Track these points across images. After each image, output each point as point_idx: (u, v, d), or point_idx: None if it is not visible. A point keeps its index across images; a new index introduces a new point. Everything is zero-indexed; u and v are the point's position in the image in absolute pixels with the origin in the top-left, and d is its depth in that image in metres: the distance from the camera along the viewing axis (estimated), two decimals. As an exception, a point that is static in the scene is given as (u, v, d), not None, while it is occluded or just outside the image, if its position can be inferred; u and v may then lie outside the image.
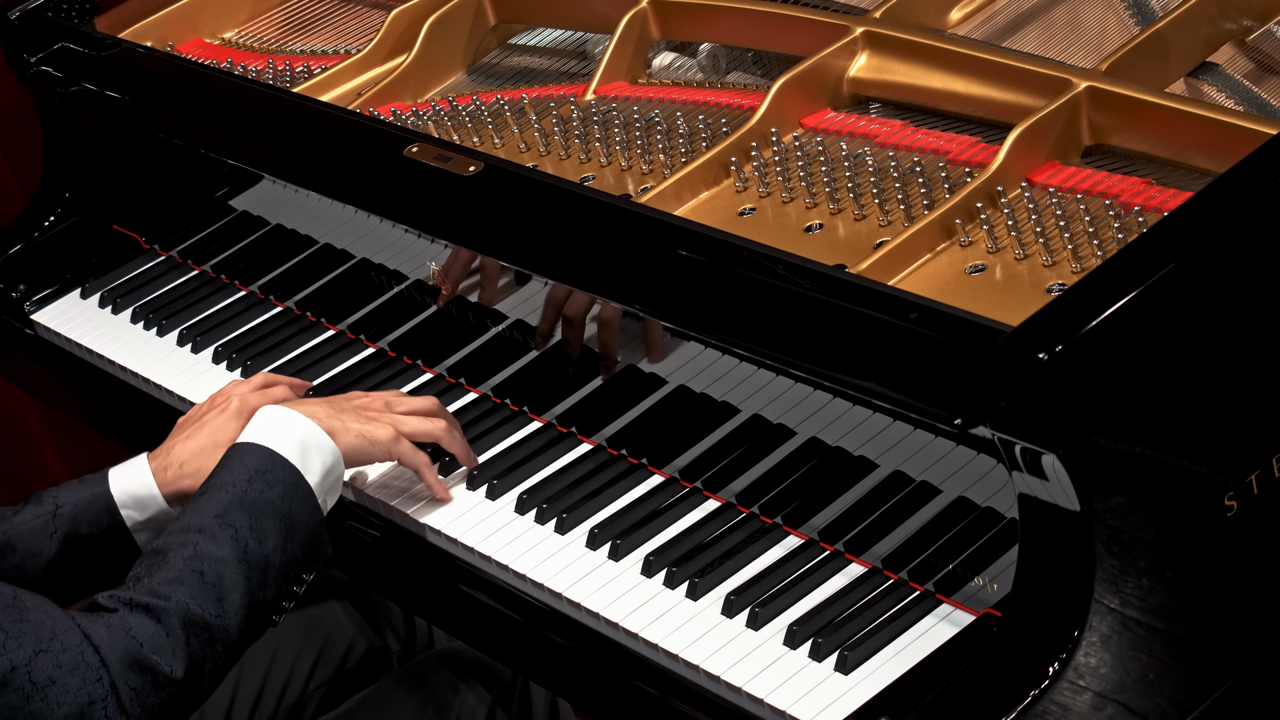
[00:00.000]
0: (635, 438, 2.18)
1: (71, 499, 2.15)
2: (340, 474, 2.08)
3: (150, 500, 2.16)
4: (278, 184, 2.56)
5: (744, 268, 1.96)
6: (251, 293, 2.66)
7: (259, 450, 2.02)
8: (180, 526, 1.96)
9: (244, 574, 1.93)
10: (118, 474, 2.17)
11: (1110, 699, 1.71)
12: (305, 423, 2.06)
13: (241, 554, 1.94)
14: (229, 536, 1.94)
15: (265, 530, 1.96)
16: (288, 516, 1.99)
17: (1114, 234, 1.96)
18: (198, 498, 1.99)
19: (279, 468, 2.01)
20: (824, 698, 1.82)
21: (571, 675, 2.05)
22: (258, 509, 1.97)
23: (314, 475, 2.03)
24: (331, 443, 2.06)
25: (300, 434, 2.05)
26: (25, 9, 2.82)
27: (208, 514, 1.96)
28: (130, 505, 2.16)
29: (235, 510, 1.96)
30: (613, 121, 2.38)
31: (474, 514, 2.16)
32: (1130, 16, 2.25)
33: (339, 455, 2.07)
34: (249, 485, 1.99)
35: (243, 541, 1.94)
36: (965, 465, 1.85)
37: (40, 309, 2.78)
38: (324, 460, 2.05)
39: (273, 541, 1.96)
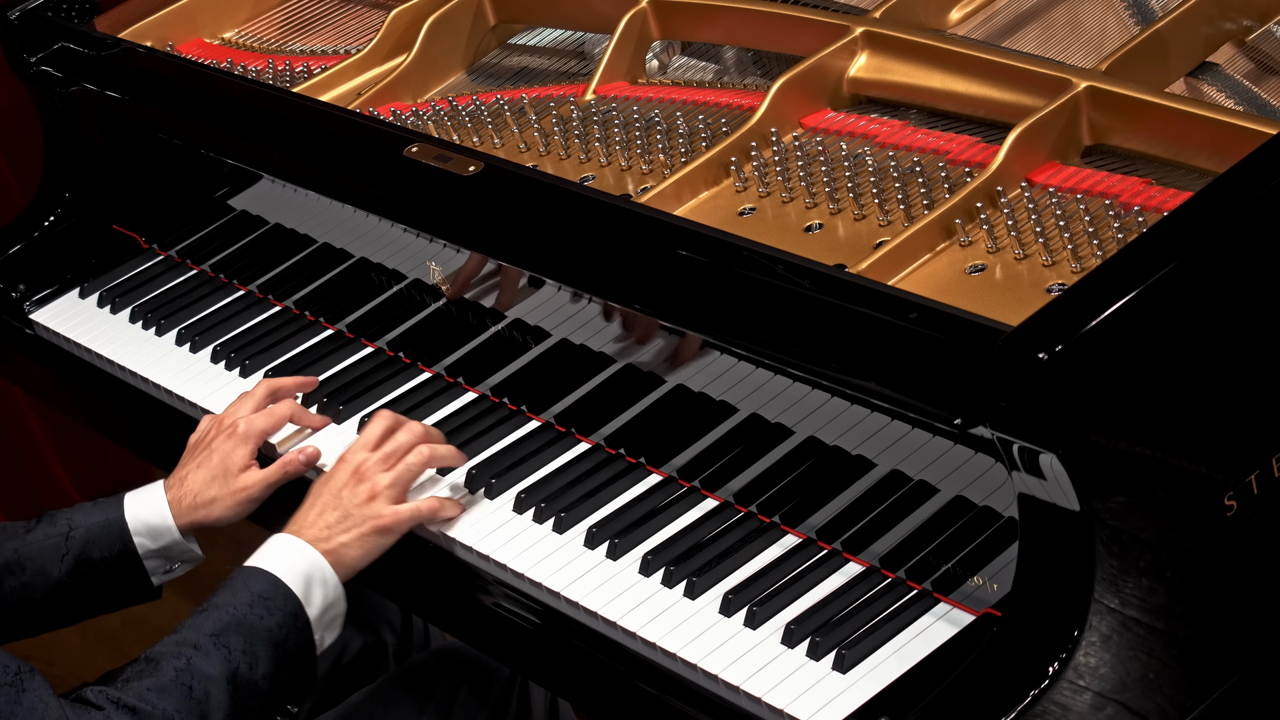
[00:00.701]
0: (633, 437, 2.18)
1: (85, 522, 2.18)
2: (341, 610, 2.07)
3: (164, 530, 2.19)
4: (277, 183, 2.55)
5: (744, 268, 1.96)
6: (250, 292, 2.66)
7: (264, 576, 2.02)
8: (176, 640, 1.97)
9: (230, 695, 1.94)
10: (133, 501, 2.19)
11: (1110, 699, 1.71)
12: (312, 554, 2.05)
13: (231, 675, 1.94)
14: (222, 657, 1.95)
15: (258, 656, 1.97)
16: (282, 646, 1.99)
17: (1114, 234, 1.96)
18: (198, 614, 2.00)
19: (281, 596, 2.01)
20: (822, 696, 1.82)
21: (570, 674, 2.05)
22: (254, 634, 1.98)
23: (314, 609, 2.03)
24: (335, 578, 2.05)
25: (306, 565, 2.04)
26: (25, 9, 2.82)
27: (204, 631, 1.97)
28: (144, 533, 2.19)
29: (232, 632, 1.97)
30: (613, 121, 2.38)
31: (472, 513, 2.16)
32: (1130, 16, 2.25)
33: (341, 591, 2.06)
34: (249, 609, 1.99)
35: (235, 664, 1.95)
36: (963, 464, 1.85)
37: (40, 309, 2.78)
38: (326, 595, 2.04)
39: (263, 668, 1.97)
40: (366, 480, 2.11)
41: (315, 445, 2.28)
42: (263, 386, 2.31)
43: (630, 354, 2.15)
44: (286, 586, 2.02)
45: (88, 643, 3.70)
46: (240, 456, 2.21)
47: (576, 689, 2.08)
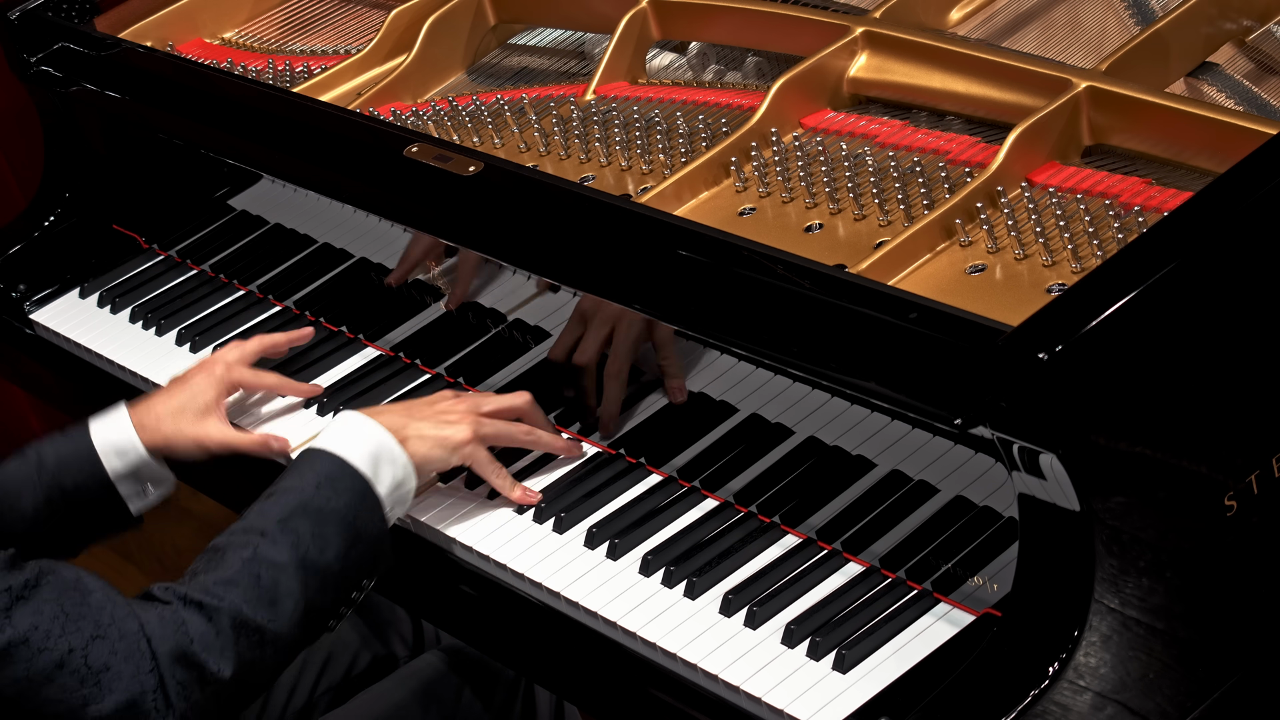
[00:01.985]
0: (633, 437, 2.18)
1: (54, 451, 2.19)
2: (411, 487, 2.06)
3: (130, 448, 2.21)
4: (277, 183, 2.56)
5: (744, 268, 1.96)
6: (250, 292, 2.66)
7: (330, 458, 2.01)
8: (242, 527, 1.95)
9: (301, 580, 1.92)
10: (98, 425, 2.22)
11: (1110, 699, 1.71)
12: (380, 432, 2.04)
13: (300, 560, 1.92)
14: (289, 542, 1.92)
15: (327, 538, 1.95)
16: (353, 525, 1.97)
17: (1114, 234, 1.96)
18: (264, 499, 1.98)
19: (348, 476, 1.99)
20: (822, 696, 1.82)
21: (570, 674, 2.05)
22: (323, 516, 1.96)
23: (384, 486, 2.01)
24: (404, 455, 2.04)
25: (374, 443, 2.03)
26: (25, 9, 2.82)
27: (271, 517, 1.95)
28: (110, 453, 2.20)
29: (299, 516, 1.95)
30: (613, 121, 2.38)
31: (472, 513, 2.16)
32: (1130, 16, 2.25)
33: (410, 468, 2.05)
34: (316, 492, 1.97)
35: (303, 548, 1.93)
36: (963, 464, 1.85)
37: (40, 309, 2.78)
38: (394, 473, 2.03)
39: (334, 550, 1.95)
40: (464, 404, 2.12)
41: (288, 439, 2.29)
42: (255, 342, 2.35)
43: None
44: (353, 467, 1.99)
45: (88, 643, 3.69)
46: (209, 395, 2.25)
47: (577, 689, 2.08)
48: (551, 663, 2.07)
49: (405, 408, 2.11)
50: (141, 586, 3.43)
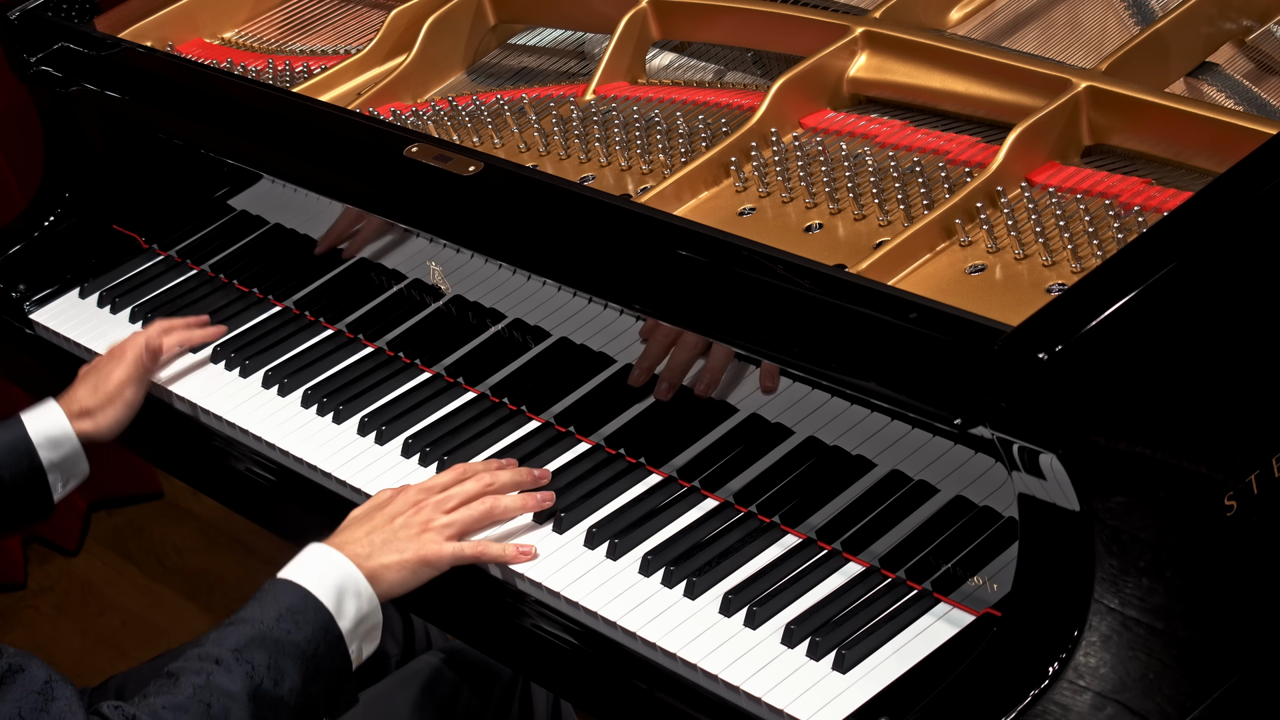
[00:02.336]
0: (633, 437, 2.18)
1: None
2: (377, 621, 2.02)
3: (64, 439, 2.34)
4: (277, 183, 2.56)
5: (744, 268, 1.96)
6: (250, 292, 2.66)
7: (293, 589, 1.97)
8: (198, 654, 1.92)
9: (251, 712, 1.88)
10: (31, 417, 2.33)
11: (1110, 699, 1.71)
12: (346, 565, 2.00)
13: (253, 691, 1.89)
14: (244, 673, 1.89)
15: (284, 670, 1.91)
16: (312, 660, 1.94)
17: (1114, 234, 1.96)
18: (224, 627, 1.95)
19: (311, 609, 1.96)
20: (822, 696, 1.82)
21: (569, 674, 2.05)
22: (281, 648, 1.92)
23: (347, 621, 1.98)
24: (370, 590, 2.00)
25: (339, 576, 1.99)
26: (25, 9, 2.82)
27: (227, 646, 1.92)
28: (45, 445, 2.31)
29: (256, 646, 1.92)
30: (613, 121, 2.38)
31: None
32: (1130, 16, 2.25)
33: (375, 604, 2.01)
34: (277, 623, 1.94)
35: (257, 680, 1.90)
36: (963, 464, 1.85)
37: (40, 308, 2.78)
38: (359, 607, 1.99)
39: (290, 683, 1.91)
40: (422, 513, 2.07)
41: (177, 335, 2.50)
42: (157, 326, 2.50)
43: (630, 354, 2.15)
44: (316, 599, 1.97)
45: (88, 643, 3.70)
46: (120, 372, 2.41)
47: (576, 689, 2.08)
48: (549, 662, 2.06)
49: (366, 530, 2.06)
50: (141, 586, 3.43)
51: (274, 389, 2.46)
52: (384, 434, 2.31)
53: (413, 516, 2.08)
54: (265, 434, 2.38)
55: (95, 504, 4.00)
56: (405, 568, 2.04)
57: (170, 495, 4.00)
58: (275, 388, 2.46)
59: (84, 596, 3.84)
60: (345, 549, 2.03)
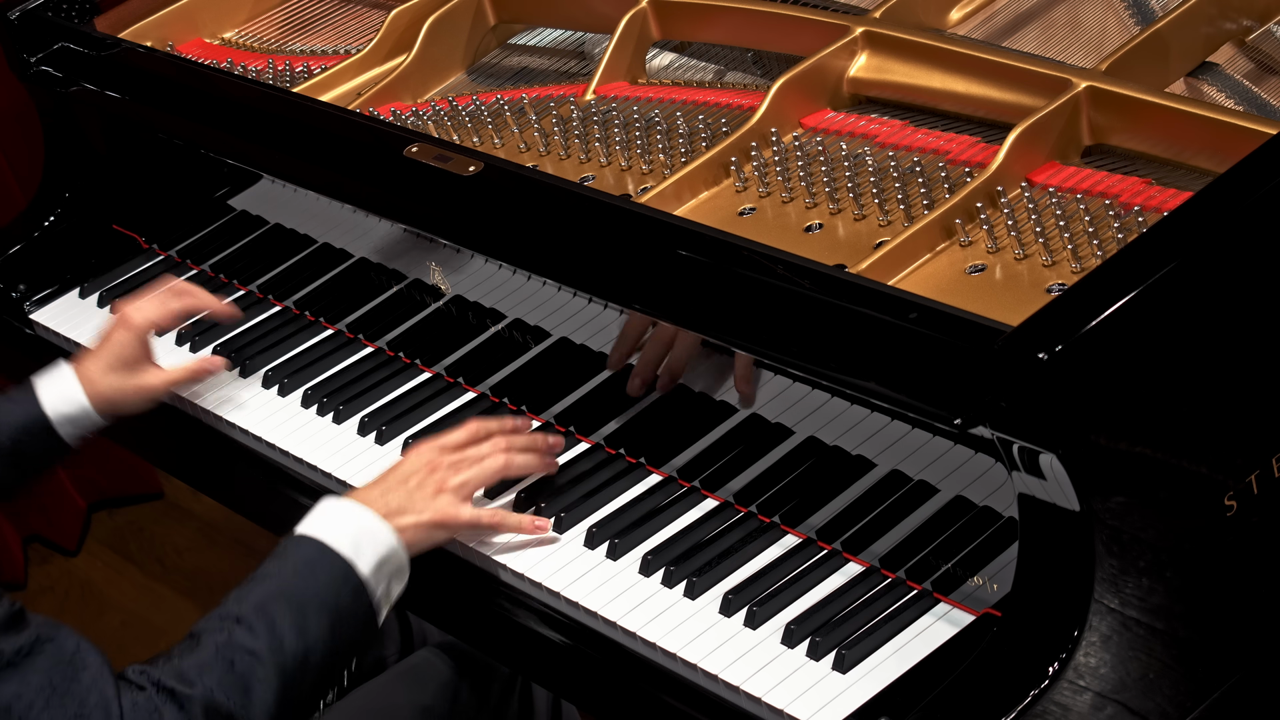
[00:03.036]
0: (633, 437, 2.18)
1: (8, 423, 2.29)
2: (401, 561, 2.01)
3: (82, 415, 2.32)
4: (277, 183, 2.56)
5: (744, 268, 1.96)
6: (250, 292, 2.66)
7: (309, 542, 1.98)
8: (219, 613, 1.92)
9: (276, 666, 1.89)
10: (47, 392, 2.32)
11: (1110, 699, 1.71)
12: (363, 513, 2.01)
13: (276, 645, 1.89)
14: (265, 627, 1.90)
15: (308, 623, 1.92)
16: (335, 609, 1.95)
17: (1114, 234, 1.96)
18: (244, 584, 1.96)
19: (328, 560, 1.96)
20: (822, 696, 1.82)
21: (569, 674, 2.05)
22: (302, 601, 1.93)
23: (366, 565, 1.97)
24: (388, 531, 2.00)
25: (355, 525, 2.00)
26: (25, 9, 2.82)
27: (248, 603, 1.92)
28: (64, 423, 2.31)
29: (276, 601, 1.92)
30: (613, 121, 2.38)
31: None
32: (1130, 16, 2.25)
33: (395, 544, 2.00)
34: (295, 577, 1.95)
35: (279, 634, 1.90)
36: (963, 464, 1.85)
37: (40, 309, 2.78)
38: (377, 551, 1.99)
39: (314, 635, 1.92)
40: (437, 473, 2.08)
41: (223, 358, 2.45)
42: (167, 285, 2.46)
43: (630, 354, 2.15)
44: (333, 550, 1.97)
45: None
46: (134, 348, 2.36)
47: (576, 689, 2.08)
48: (550, 662, 2.07)
49: (381, 490, 2.06)
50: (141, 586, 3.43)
51: (274, 389, 2.46)
52: (384, 434, 2.31)
53: (428, 477, 2.07)
54: (265, 434, 2.38)
55: (95, 504, 4.00)
56: (421, 528, 2.04)
57: (170, 495, 4.00)
58: (275, 388, 2.46)
59: (84, 596, 3.84)
60: (363, 496, 2.04)
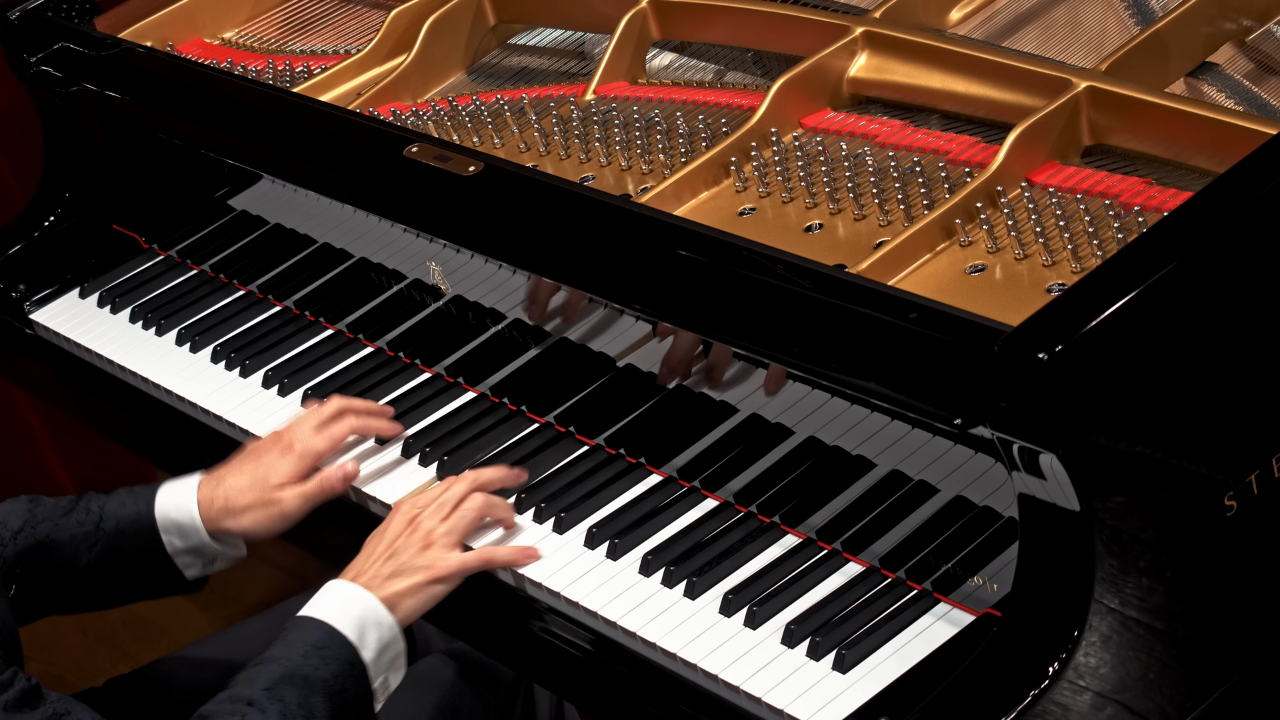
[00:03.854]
0: (633, 437, 2.18)
1: (117, 513, 2.17)
2: (400, 649, 2.03)
3: (192, 530, 2.18)
4: (277, 183, 2.56)
5: (744, 268, 1.96)
6: (250, 292, 2.66)
7: (318, 625, 1.98)
8: (229, 695, 1.93)
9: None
10: (165, 496, 2.18)
11: (1110, 699, 1.71)
12: (366, 598, 2.01)
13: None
14: (277, 711, 1.90)
15: (315, 707, 1.92)
16: (339, 695, 1.95)
17: (1114, 234, 1.96)
18: (252, 667, 1.95)
19: (336, 644, 1.97)
20: (822, 696, 1.82)
21: (570, 674, 2.05)
22: (309, 684, 1.93)
23: (369, 652, 1.99)
24: (390, 619, 2.01)
25: (360, 609, 2.00)
26: (25, 9, 2.82)
27: (258, 685, 1.92)
28: (172, 531, 2.17)
29: (286, 685, 1.92)
30: (613, 121, 2.38)
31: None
32: (1130, 16, 2.25)
33: (397, 632, 2.02)
34: (304, 660, 1.95)
35: (290, 717, 1.91)
36: (963, 464, 1.85)
37: (40, 309, 2.78)
38: (381, 637, 2.00)
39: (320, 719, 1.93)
40: (421, 528, 2.07)
41: (355, 463, 2.24)
42: (333, 404, 2.26)
43: (630, 354, 2.15)
44: (341, 634, 1.98)
45: (88, 643, 3.70)
46: (284, 470, 2.19)
47: (577, 689, 2.08)
48: (549, 662, 2.06)
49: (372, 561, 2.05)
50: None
51: (274, 389, 2.46)
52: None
53: (411, 536, 2.07)
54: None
55: (95, 504, 4.00)
56: (417, 591, 2.04)
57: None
58: (275, 388, 2.46)
59: (84, 596, 3.84)
60: (361, 579, 2.04)
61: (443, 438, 2.28)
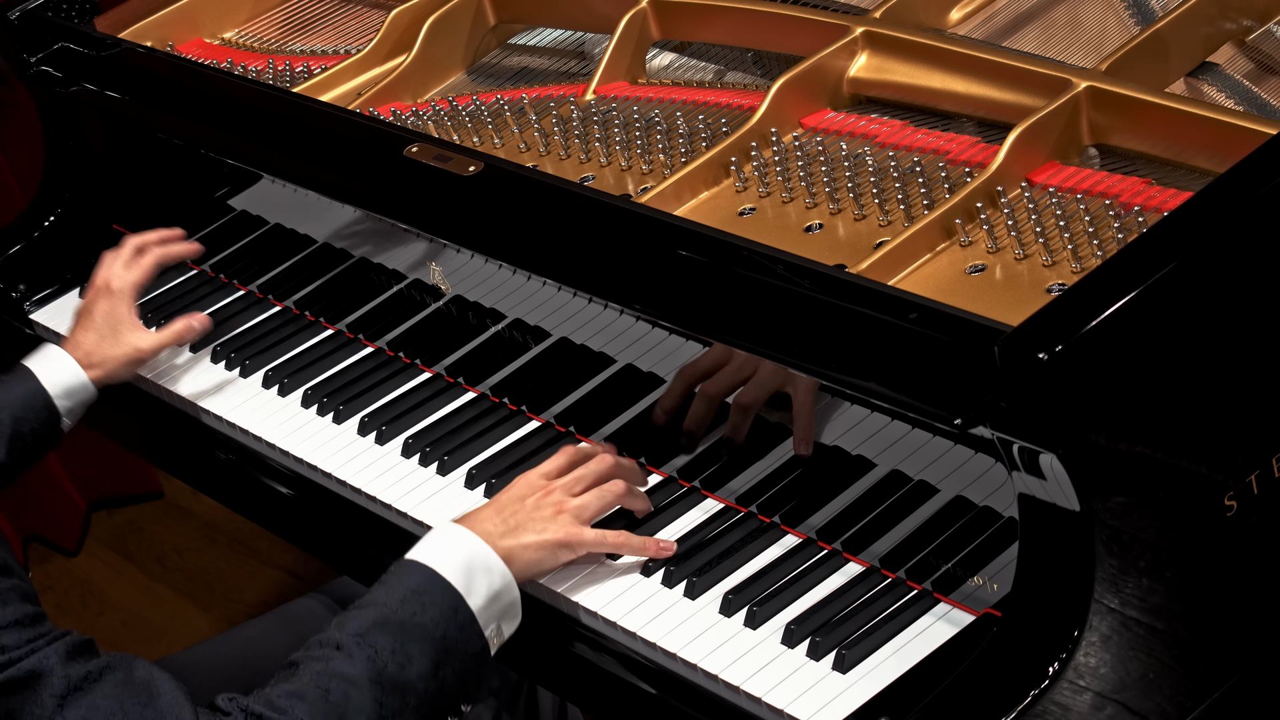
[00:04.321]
0: (633, 437, 2.18)
1: (7, 401, 2.32)
2: (514, 598, 1.95)
3: (80, 388, 2.37)
4: (277, 183, 2.56)
5: (744, 268, 1.96)
6: (250, 292, 2.66)
7: (419, 569, 1.91)
8: (319, 640, 1.87)
9: (375, 697, 1.82)
10: (42, 368, 2.35)
11: (1110, 699, 1.71)
12: (475, 543, 1.94)
13: (376, 676, 1.83)
14: (366, 656, 1.83)
15: (411, 654, 1.85)
16: (441, 642, 1.87)
17: (1114, 234, 1.96)
18: (348, 612, 1.89)
19: (438, 589, 1.89)
20: (822, 696, 1.82)
21: (570, 675, 2.05)
22: (406, 631, 1.86)
23: (477, 599, 1.91)
24: (503, 566, 1.94)
25: (467, 554, 1.93)
26: (25, 9, 2.82)
27: (349, 630, 1.86)
28: (62, 395, 2.35)
29: (379, 630, 1.86)
30: (613, 121, 2.38)
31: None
32: (1130, 16, 2.25)
33: (510, 580, 1.94)
34: (401, 605, 1.88)
35: (380, 663, 1.84)
36: (963, 464, 1.85)
37: (40, 309, 2.78)
38: (491, 584, 1.92)
39: (418, 668, 1.85)
40: (553, 495, 2.02)
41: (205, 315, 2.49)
42: (129, 242, 2.50)
43: (630, 354, 2.15)
44: (443, 579, 1.90)
45: (88, 643, 3.70)
46: (122, 313, 2.42)
47: (577, 689, 2.08)
48: (551, 663, 2.06)
49: (496, 509, 2.00)
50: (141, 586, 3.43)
51: (274, 389, 2.46)
52: (384, 434, 2.31)
53: (545, 499, 2.01)
54: (265, 434, 2.38)
55: (95, 504, 4.00)
56: (544, 548, 1.98)
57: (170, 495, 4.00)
58: (275, 388, 2.46)
59: (84, 596, 3.84)
60: (476, 527, 1.97)
61: (443, 438, 2.28)
